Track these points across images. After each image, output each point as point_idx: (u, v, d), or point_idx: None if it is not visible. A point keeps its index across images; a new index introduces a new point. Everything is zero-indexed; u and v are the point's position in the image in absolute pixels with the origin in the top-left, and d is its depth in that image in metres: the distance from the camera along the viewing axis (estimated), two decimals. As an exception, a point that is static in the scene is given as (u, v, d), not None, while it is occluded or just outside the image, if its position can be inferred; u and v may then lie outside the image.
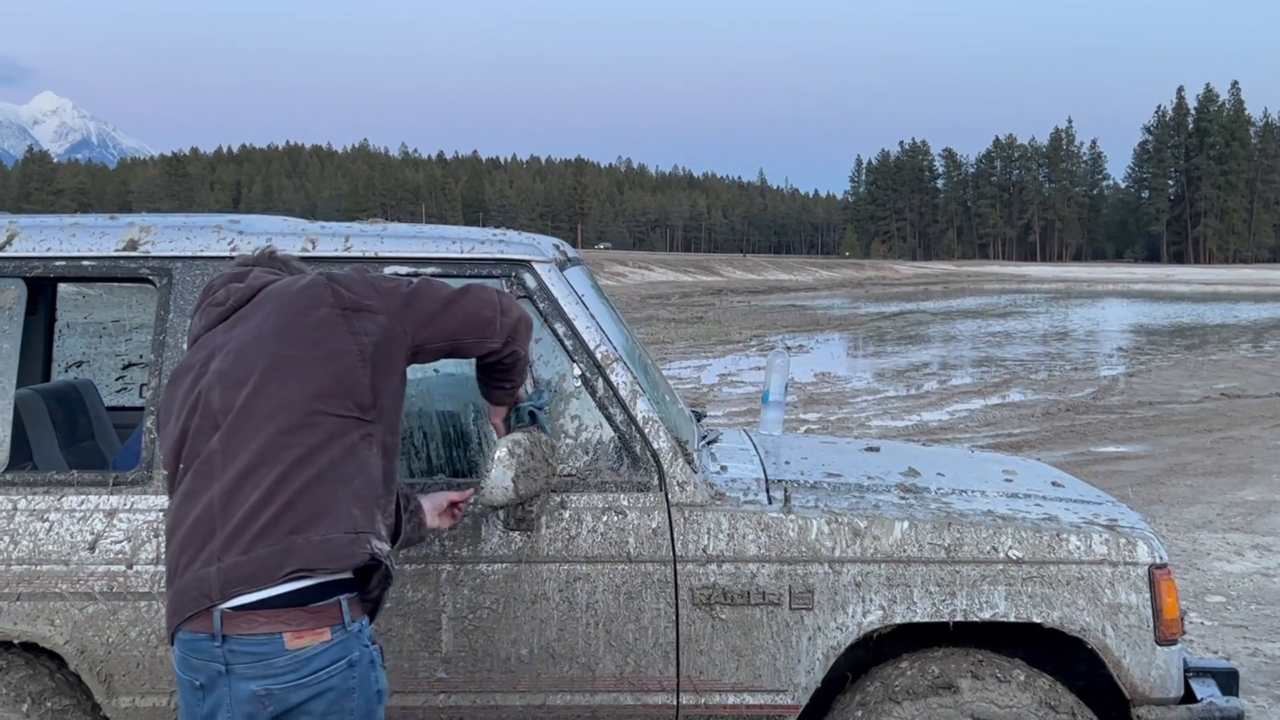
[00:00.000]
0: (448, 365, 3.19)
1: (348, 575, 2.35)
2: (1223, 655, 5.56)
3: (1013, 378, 19.58)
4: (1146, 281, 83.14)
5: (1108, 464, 11.10)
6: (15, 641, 3.04)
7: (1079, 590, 3.06)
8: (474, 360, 2.71)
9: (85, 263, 3.19)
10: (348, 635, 2.34)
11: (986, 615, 3.05)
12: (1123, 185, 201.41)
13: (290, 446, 2.33)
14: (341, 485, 2.36)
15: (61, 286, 4.25)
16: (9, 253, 3.17)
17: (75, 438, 3.75)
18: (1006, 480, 3.59)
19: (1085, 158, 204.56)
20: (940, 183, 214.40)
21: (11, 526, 3.04)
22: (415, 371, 3.00)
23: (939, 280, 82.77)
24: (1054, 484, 3.62)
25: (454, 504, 2.93)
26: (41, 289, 4.00)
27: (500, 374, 2.72)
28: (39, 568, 3.02)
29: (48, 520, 3.04)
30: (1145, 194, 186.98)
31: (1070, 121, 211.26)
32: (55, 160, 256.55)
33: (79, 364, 4.35)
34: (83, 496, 3.05)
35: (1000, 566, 3.05)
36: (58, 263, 3.19)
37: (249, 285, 2.57)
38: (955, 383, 18.97)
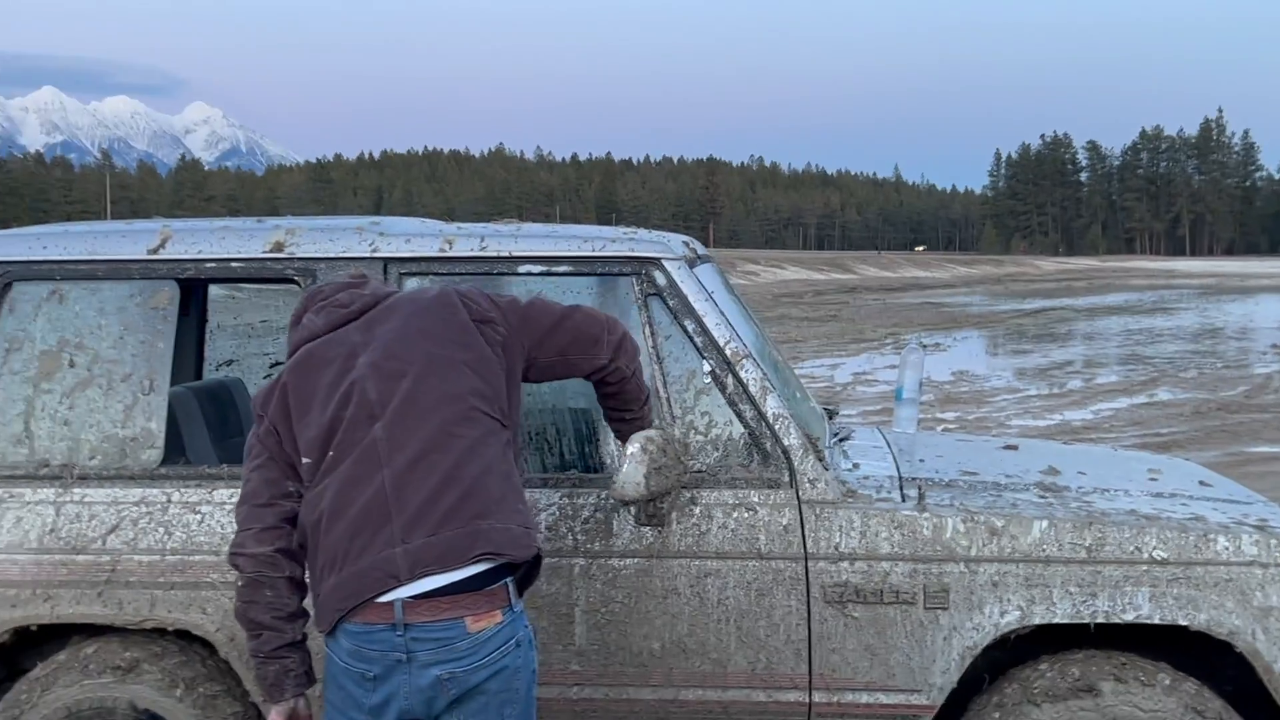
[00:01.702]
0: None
1: (508, 562, 2.43)
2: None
3: (1161, 375, 18.94)
4: (1304, 276, 79.68)
5: (1262, 465, 10.66)
6: (169, 629, 3.17)
7: (1227, 592, 2.95)
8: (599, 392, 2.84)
9: (234, 264, 3.31)
10: (515, 616, 2.43)
11: (1129, 617, 2.96)
12: (1277, 176, 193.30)
13: (458, 437, 2.43)
14: (506, 480, 2.47)
15: (212, 288, 4.41)
16: (163, 255, 3.31)
17: (226, 433, 3.90)
18: (1151, 479, 3.49)
19: (1237, 148, 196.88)
20: (1084, 176, 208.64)
21: (166, 518, 3.17)
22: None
23: (1082, 276, 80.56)
24: (1201, 483, 3.50)
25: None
26: (193, 290, 4.16)
27: (615, 397, 2.82)
28: (192, 558, 3.14)
29: (200, 512, 3.17)
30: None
31: (1221, 111, 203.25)
32: (206, 168, 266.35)
33: (229, 363, 4.51)
34: (232, 489, 3.15)
35: (1144, 567, 2.97)
36: (208, 264, 3.32)
37: (373, 292, 2.65)
38: (1100, 381, 18.43)
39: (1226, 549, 2.98)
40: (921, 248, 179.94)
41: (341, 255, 3.26)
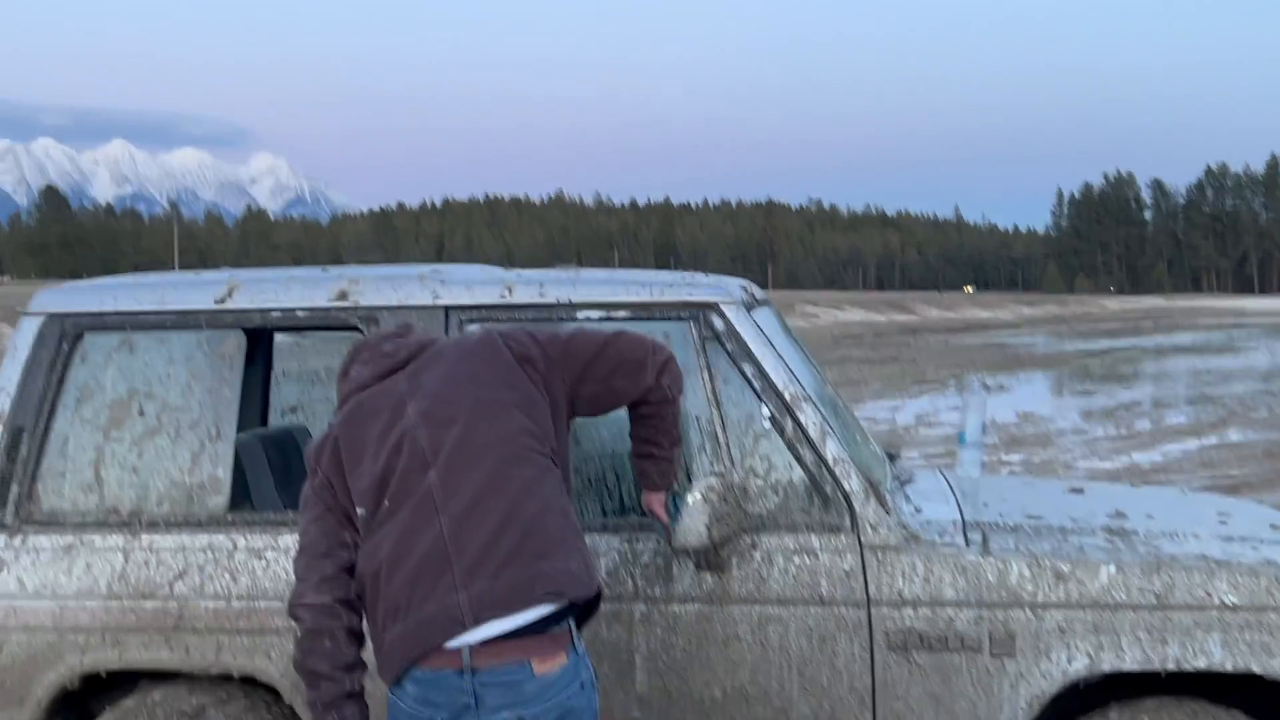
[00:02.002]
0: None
1: (570, 603, 2.44)
2: None
3: (1231, 416, 18.59)
4: (1378, 313, 77.96)
5: (1337, 507, 10.40)
6: (235, 675, 3.20)
7: (1303, 639, 2.88)
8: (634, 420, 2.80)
9: (299, 313, 3.36)
10: (578, 658, 2.44)
11: (1201, 664, 2.90)
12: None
13: (511, 479, 2.43)
14: (564, 517, 2.48)
15: (278, 335, 4.46)
16: (230, 305, 3.37)
17: (290, 479, 3.93)
18: (1221, 522, 3.42)
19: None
20: (1148, 214, 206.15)
21: (232, 564, 3.21)
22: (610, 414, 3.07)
23: (1148, 315, 79.44)
24: (1273, 526, 3.43)
25: None
26: (259, 338, 4.23)
27: (650, 421, 2.78)
28: (257, 604, 3.17)
29: (265, 558, 3.20)
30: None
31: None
32: (272, 217, 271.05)
33: (293, 409, 4.56)
34: (297, 535, 3.19)
35: (1215, 612, 2.91)
36: (274, 313, 3.37)
37: (416, 340, 2.67)
38: (1169, 422, 18.12)
39: (1301, 594, 2.91)
40: (970, 288, 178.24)
41: (404, 303, 3.30)
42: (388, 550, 2.44)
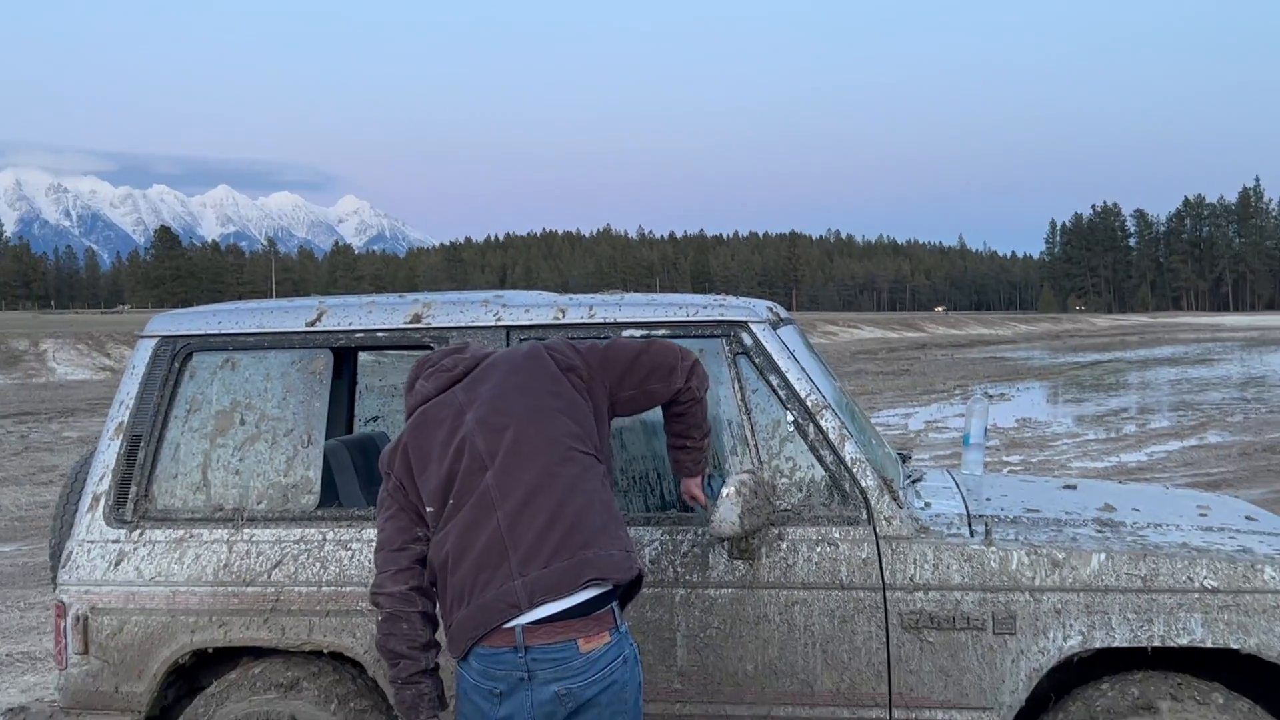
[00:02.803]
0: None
1: (614, 585, 2.45)
2: None
3: (1209, 420, 18.29)
4: (1343, 327, 76.45)
5: (1308, 502, 10.21)
6: (325, 651, 3.22)
7: (1276, 618, 2.83)
8: (668, 420, 2.82)
9: (379, 334, 3.38)
10: (621, 636, 2.45)
11: (1184, 641, 2.85)
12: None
13: (558, 477, 2.45)
14: (605, 510, 2.49)
15: (361, 354, 4.50)
16: (319, 327, 3.40)
17: (372, 480, 3.96)
18: (1201, 515, 3.36)
19: (1274, 212, 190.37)
20: (1133, 241, 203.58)
21: (322, 554, 3.23)
22: (649, 416, 3.07)
23: (1134, 331, 78.35)
24: (1248, 518, 3.37)
25: None
26: (345, 357, 4.26)
27: (681, 419, 2.79)
28: (344, 589, 3.19)
29: (350, 549, 3.22)
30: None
31: (1258, 179, 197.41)
32: (356, 252, 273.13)
33: (375, 419, 4.59)
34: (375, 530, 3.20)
35: (1196, 595, 2.86)
36: (358, 334, 3.39)
37: (472, 355, 2.69)
38: (1153, 426, 17.85)
39: (1273, 578, 2.86)
40: (941, 308, 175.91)
41: (471, 324, 3.32)
42: (453, 543, 2.47)
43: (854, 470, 3.06)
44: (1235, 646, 2.83)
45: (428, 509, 2.52)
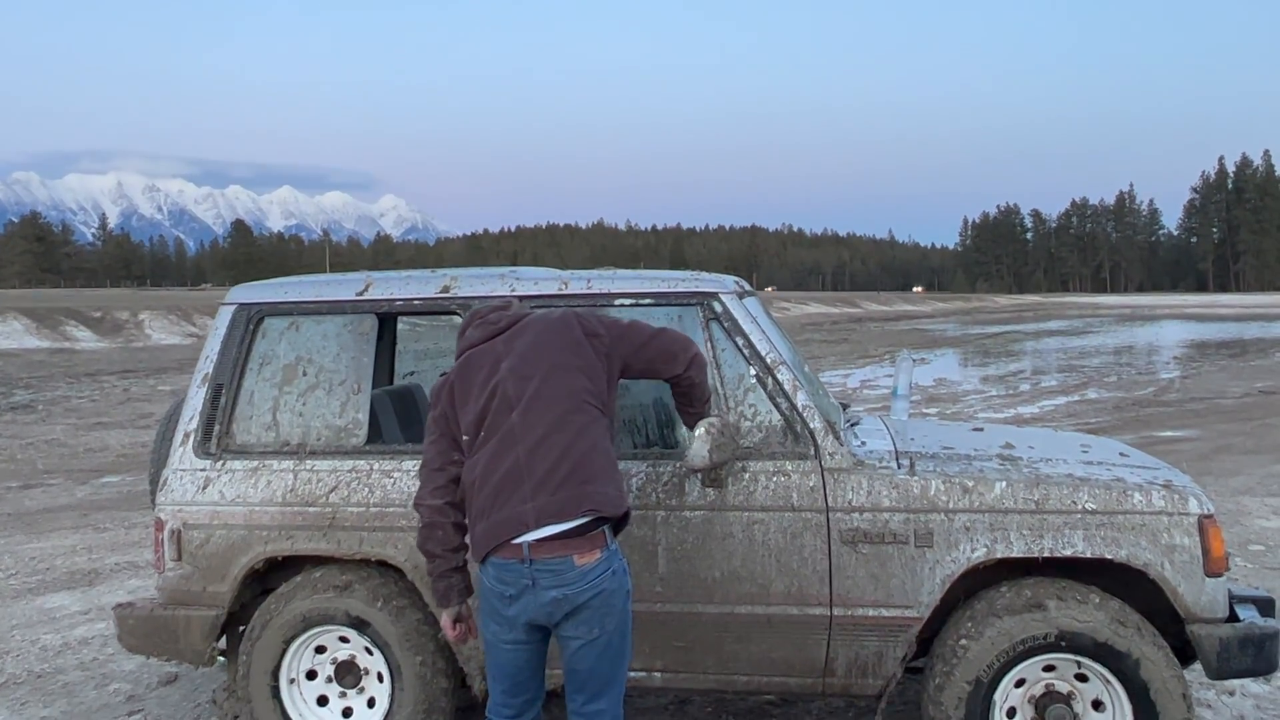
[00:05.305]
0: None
1: (606, 517, 2.44)
2: (1263, 588, 5.07)
3: (1089, 380, 18.40)
4: (1196, 307, 76.63)
5: (1166, 445, 10.29)
6: (372, 559, 3.23)
7: (1142, 534, 2.86)
8: (673, 391, 2.81)
9: (415, 301, 3.36)
10: (611, 553, 2.44)
11: (1068, 552, 2.88)
12: (1175, 233, 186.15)
13: (572, 423, 2.44)
14: (605, 455, 2.48)
15: (400, 319, 4.47)
16: (367, 296, 3.38)
17: (409, 422, 3.95)
18: (1084, 451, 3.38)
19: (1145, 212, 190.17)
20: (1029, 235, 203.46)
21: (370, 481, 3.23)
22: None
23: (1030, 309, 78.48)
24: (1121, 455, 3.39)
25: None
26: (387, 321, 4.23)
27: (685, 396, 2.79)
28: (388, 509, 3.19)
29: (393, 477, 3.22)
30: (1194, 239, 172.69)
31: (1132, 185, 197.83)
32: (394, 241, 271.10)
33: (410, 374, 4.57)
34: (415, 461, 3.18)
35: (1079, 516, 2.89)
36: (398, 302, 3.37)
37: (515, 312, 2.68)
38: (1044, 385, 17.94)
39: (1141, 502, 2.89)
40: (919, 289, 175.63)
41: (489, 294, 3.30)
42: (481, 468, 2.48)
43: (804, 415, 3.06)
44: (1109, 556, 2.87)
45: (464, 437, 2.53)
